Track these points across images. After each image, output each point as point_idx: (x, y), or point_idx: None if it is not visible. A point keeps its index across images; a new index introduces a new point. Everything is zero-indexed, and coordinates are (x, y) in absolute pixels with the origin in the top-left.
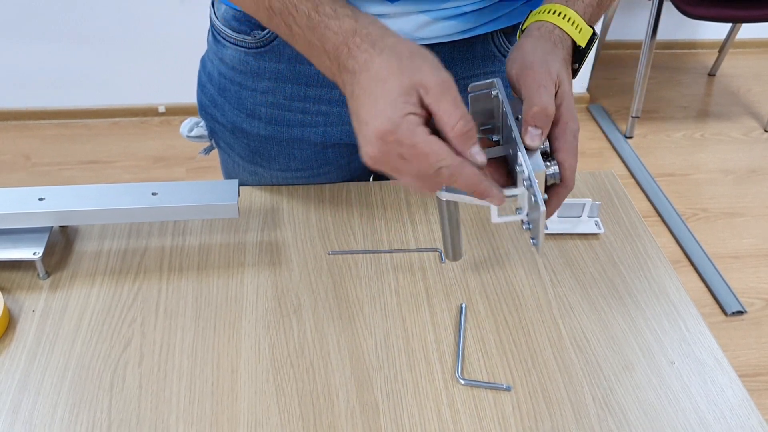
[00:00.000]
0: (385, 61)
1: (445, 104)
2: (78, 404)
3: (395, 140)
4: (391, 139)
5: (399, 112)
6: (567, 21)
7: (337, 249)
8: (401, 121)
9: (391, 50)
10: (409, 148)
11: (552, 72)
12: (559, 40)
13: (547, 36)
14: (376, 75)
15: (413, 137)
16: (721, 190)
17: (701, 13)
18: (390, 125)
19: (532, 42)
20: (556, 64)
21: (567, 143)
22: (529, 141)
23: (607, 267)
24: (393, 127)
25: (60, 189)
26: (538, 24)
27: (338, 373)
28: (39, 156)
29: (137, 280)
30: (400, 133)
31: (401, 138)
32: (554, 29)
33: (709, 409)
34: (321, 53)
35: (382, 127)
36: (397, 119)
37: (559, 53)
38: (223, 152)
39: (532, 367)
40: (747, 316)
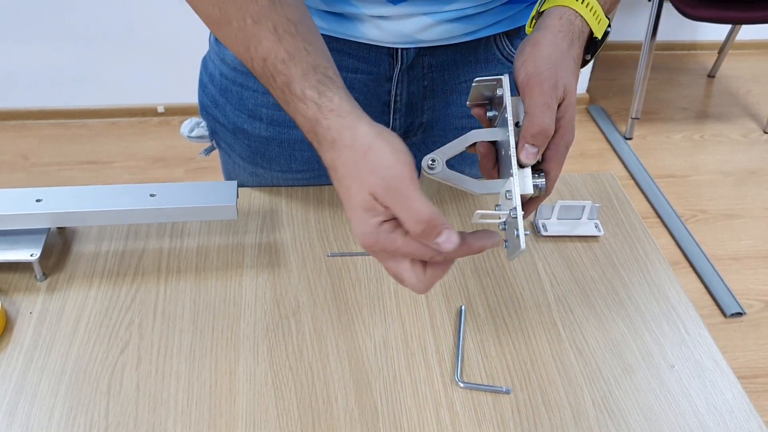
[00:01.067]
0: (345, 166)
1: (398, 209)
2: (75, 407)
3: (380, 248)
4: (376, 248)
5: (371, 225)
6: (589, 10)
7: (336, 251)
8: (377, 235)
9: (349, 151)
10: (394, 252)
11: (559, 86)
12: (578, 32)
13: (567, 29)
14: (342, 183)
15: (394, 244)
16: (720, 192)
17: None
18: (370, 239)
19: (550, 39)
20: (566, 73)
21: (558, 154)
22: (524, 158)
23: (607, 269)
24: (372, 240)
25: (58, 190)
26: (560, 11)
27: (337, 375)
28: (38, 156)
29: (135, 282)
30: (381, 243)
31: (384, 246)
32: (576, 19)
33: (709, 412)
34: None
35: (365, 241)
36: (373, 234)
37: (573, 53)
38: (223, 153)
39: (531, 370)
40: (746, 317)
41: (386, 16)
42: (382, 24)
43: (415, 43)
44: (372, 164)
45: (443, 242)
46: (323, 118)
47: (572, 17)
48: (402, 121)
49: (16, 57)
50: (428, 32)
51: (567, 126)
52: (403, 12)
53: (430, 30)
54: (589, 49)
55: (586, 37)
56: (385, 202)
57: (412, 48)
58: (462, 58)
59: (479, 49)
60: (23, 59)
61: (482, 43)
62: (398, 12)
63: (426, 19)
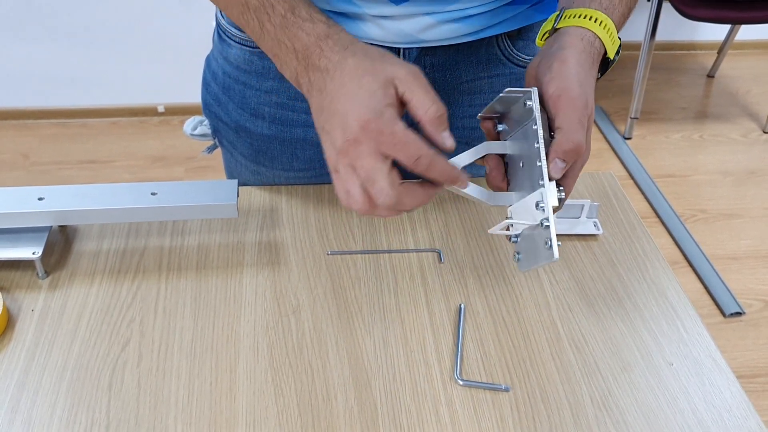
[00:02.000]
0: (360, 60)
1: (418, 91)
2: (77, 404)
3: (376, 129)
4: (373, 127)
5: (380, 102)
6: (606, 32)
7: (336, 249)
8: (383, 110)
9: (363, 51)
10: (388, 137)
11: (589, 105)
12: (597, 54)
13: (588, 50)
14: (352, 71)
15: (394, 126)
16: (719, 192)
17: (700, 14)
18: (372, 113)
19: (576, 58)
20: (592, 93)
21: (574, 172)
22: (553, 173)
23: (606, 268)
24: (376, 115)
25: (59, 189)
26: (581, 32)
27: (337, 373)
28: (38, 155)
29: (136, 280)
30: (382, 121)
31: (382, 127)
32: (595, 40)
33: (707, 411)
34: (289, 52)
35: (365, 115)
36: (379, 108)
37: (593, 73)
38: (226, 151)
39: (530, 368)
40: (745, 317)
41: (388, 16)
42: (384, 24)
43: (417, 43)
44: (390, 61)
45: (447, 137)
46: (334, 33)
47: (592, 39)
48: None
49: (16, 56)
50: (430, 32)
51: (586, 145)
52: (405, 12)
53: (432, 30)
54: (601, 67)
55: (602, 57)
56: (406, 85)
57: (414, 48)
58: (464, 58)
59: (481, 49)
60: (24, 59)
61: (484, 44)
62: (400, 12)
63: (428, 19)
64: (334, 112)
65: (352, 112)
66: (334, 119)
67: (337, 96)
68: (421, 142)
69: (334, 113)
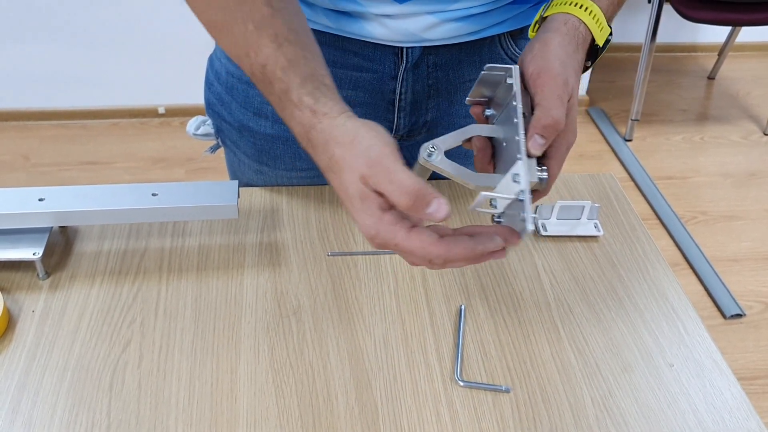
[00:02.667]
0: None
1: (384, 186)
2: (77, 405)
3: (380, 243)
4: (377, 242)
5: (372, 218)
6: (592, 18)
7: (337, 250)
8: (379, 227)
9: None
10: (394, 248)
11: (569, 83)
12: (582, 38)
13: (572, 34)
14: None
15: (394, 239)
16: (720, 194)
17: (701, 16)
18: (371, 231)
19: (558, 40)
20: (573, 74)
21: (559, 154)
22: (531, 148)
23: (606, 269)
24: (374, 233)
25: (60, 189)
26: (564, 17)
27: (337, 374)
28: (38, 156)
29: (137, 281)
30: (381, 238)
31: (385, 243)
32: (580, 25)
33: (708, 412)
34: (291, 126)
35: (368, 234)
36: (375, 226)
37: (578, 57)
38: (229, 151)
39: (531, 369)
40: (746, 319)
41: (392, 15)
42: (387, 22)
43: (420, 42)
44: (357, 150)
45: (434, 212)
46: (317, 122)
47: (576, 23)
48: (406, 119)
49: (17, 57)
50: (433, 31)
51: (570, 126)
52: (409, 11)
53: (435, 29)
54: (590, 55)
55: (589, 43)
56: (371, 180)
57: (417, 47)
58: (466, 57)
59: (484, 48)
60: (24, 60)
61: (487, 43)
62: (403, 11)
63: (431, 18)
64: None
65: (357, 220)
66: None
67: (340, 192)
68: (427, 245)
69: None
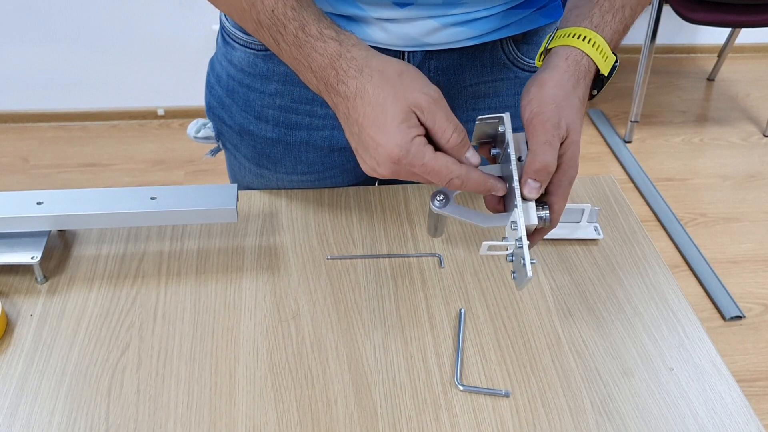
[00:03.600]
0: (377, 86)
1: (439, 120)
2: (75, 409)
3: (408, 164)
4: (404, 162)
5: (406, 137)
6: (596, 49)
7: (336, 254)
8: (410, 146)
9: (380, 74)
10: (420, 168)
11: (562, 126)
12: (584, 72)
13: (573, 69)
14: (372, 101)
15: (422, 158)
16: (719, 195)
17: (700, 17)
18: (401, 151)
19: (556, 80)
20: (570, 113)
21: (561, 189)
22: (527, 192)
23: (606, 272)
24: (404, 152)
25: (58, 193)
26: (566, 51)
27: (336, 378)
28: (37, 158)
29: (135, 285)
30: (411, 156)
31: (413, 161)
32: (582, 58)
33: (708, 416)
34: (307, 71)
35: (395, 153)
36: (405, 145)
37: (579, 92)
38: (229, 154)
39: (530, 373)
40: (745, 321)
41: (393, 19)
42: (388, 27)
43: (421, 46)
44: (409, 84)
45: (471, 156)
46: (346, 51)
47: (579, 57)
48: None
49: (16, 59)
50: (434, 36)
51: (569, 162)
52: (410, 15)
53: (436, 33)
54: (596, 84)
55: (593, 74)
56: (428, 112)
57: (419, 51)
58: (468, 61)
59: (485, 53)
60: (23, 62)
61: (488, 48)
62: (405, 15)
63: (432, 22)
64: (363, 142)
65: (382, 148)
66: (365, 149)
67: (363, 126)
68: (450, 165)
69: (364, 143)
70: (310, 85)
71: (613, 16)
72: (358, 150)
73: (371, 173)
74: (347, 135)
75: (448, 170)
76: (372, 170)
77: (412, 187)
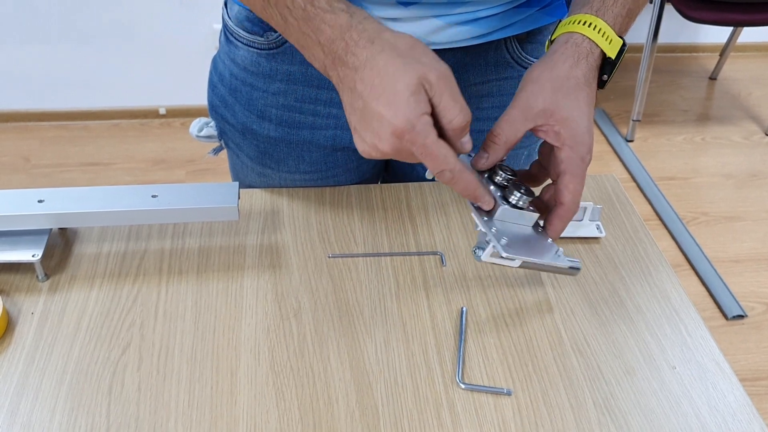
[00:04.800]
0: (388, 58)
1: (446, 98)
2: (76, 407)
3: (409, 139)
4: (407, 137)
5: (415, 112)
6: (597, 32)
7: (338, 252)
8: (417, 122)
9: (391, 47)
10: (420, 148)
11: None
12: (585, 53)
13: (572, 50)
14: (382, 72)
15: (426, 138)
16: (721, 194)
17: (702, 16)
18: (407, 125)
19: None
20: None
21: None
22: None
23: (609, 271)
24: (410, 126)
25: (59, 191)
26: (566, 37)
27: (338, 376)
28: (39, 158)
29: (136, 283)
30: (415, 133)
31: (415, 138)
32: (583, 41)
33: (711, 415)
34: (315, 45)
35: (401, 125)
36: (413, 119)
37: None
38: (232, 153)
39: (532, 372)
40: (747, 320)
41: (397, 19)
42: (392, 26)
43: None
44: (420, 58)
45: (466, 142)
46: (357, 23)
47: (579, 40)
48: None
49: (17, 58)
50: (439, 35)
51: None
52: (414, 14)
53: (440, 33)
54: (606, 69)
55: (598, 57)
56: (436, 88)
57: None
58: (472, 61)
59: (490, 52)
60: (25, 61)
61: (493, 47)
62: (409, 14)
63: (437, 21)
64: (366, 115)
65: (386, 121)
66: (367, 124)
67: (369, 99)
68: (449, 156)
69: (366, 117)
70: (316, 62)
71: (614, 1)
72: (357, 127)
73: (369, 152)
74: (348, 112)
75: (445, 160)
76: (372, 147)
77: (413, 185)
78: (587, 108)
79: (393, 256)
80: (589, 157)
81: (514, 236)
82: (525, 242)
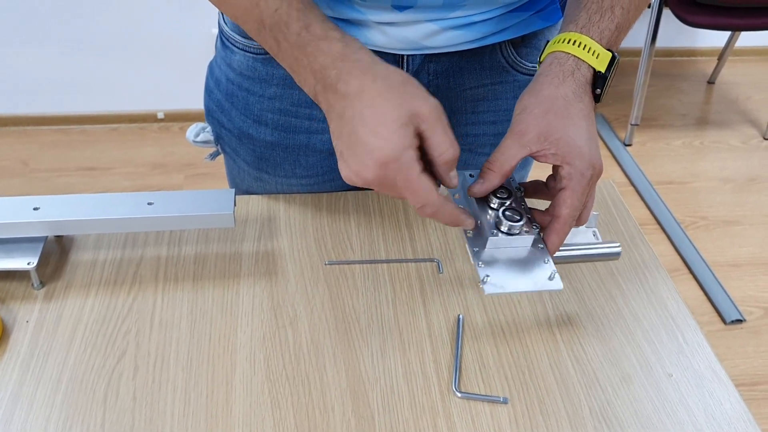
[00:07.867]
0: (380, 89)
1: (437, 132)
2: (71, 416)
3: (394, 169)
4: (392, 167)
5: (402, 144)
6: (581, 48)
7: (334, 259)
8: (403, 154)
9: (384, 79)
10: (403, 180)
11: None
12: (571, 70)
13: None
14: (373, 102)
15: (410, 171)
16: (720, 198)
17: (700, 21)
18: (393, 154)
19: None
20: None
21: (573, 181)
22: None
23: (605, 278)
24: (395, 157)
25: (55, 198)
26: (551, 57)
27: (334, 385)
28: (37, 162)
29: (132, 291)
30: (400, 164)
31: (399, 169)
32: (567, 59)
33: (707, 422)
34: (306, 71)
35: (387, 155)
36: (400, 150)
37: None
38: (228, 158)
39: (529, 380)
40: (746, 324)
41: (392, 23)
42: (387, 30)
43: (420, 49)
44: (412, 93)
45: (453, 177)
46: (351, 53)
47: (563, 59)
48: None
49: (16, 63)
50: (434, 39)
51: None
52: (409, 19)
53: (435, 37)
54: (597, 83)
55: (586, 71)
56: (427, 121)
57: (418, 54)
58: (467, 65)
59: (485, 56)
60: (24, 65)
61: (488, 51)
62: (404, 18)
63: (431, 25)
64: (353, 142)
65: (372, 149)
66: (353, 150)
67: (357, 126)
68: (431, 191)
69: (353, 143)
70: (306, 86)
71: (600, 16)
72: (343, 153)
73: (352, 178)
74: (335, 137)
75: (427, 196)
76: (355, 173)
77: None
78: (583, 123)
79: (390, 263)
80: (590, 171)
81: (505, 263)
82: (518, 268)
